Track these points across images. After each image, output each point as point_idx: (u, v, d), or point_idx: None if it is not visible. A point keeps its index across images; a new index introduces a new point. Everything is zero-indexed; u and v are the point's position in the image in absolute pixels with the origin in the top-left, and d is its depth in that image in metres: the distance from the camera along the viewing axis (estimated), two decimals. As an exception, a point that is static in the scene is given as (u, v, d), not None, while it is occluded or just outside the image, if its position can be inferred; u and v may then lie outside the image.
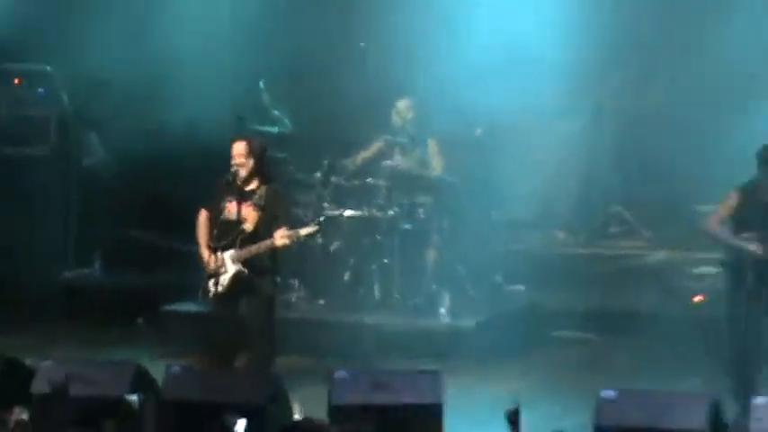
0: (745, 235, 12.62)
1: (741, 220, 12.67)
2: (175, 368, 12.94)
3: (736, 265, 12.72)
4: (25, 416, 12.73)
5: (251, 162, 13.04)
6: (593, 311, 15.56)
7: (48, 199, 17.04)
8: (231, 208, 13.00)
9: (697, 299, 15.46)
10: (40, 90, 17.13)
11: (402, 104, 15.43)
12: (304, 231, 13.12)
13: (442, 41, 15.77)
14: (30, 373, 13.02)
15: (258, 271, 12.99)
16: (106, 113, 17.06)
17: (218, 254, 12.99)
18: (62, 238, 17.14)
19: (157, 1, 16.53)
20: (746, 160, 13.26)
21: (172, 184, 16.18)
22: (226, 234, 12.99)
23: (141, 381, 12.74)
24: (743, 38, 15.28)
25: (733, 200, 12.74)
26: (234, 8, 16.14)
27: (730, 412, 12.06)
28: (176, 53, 16.02)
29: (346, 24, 16.77)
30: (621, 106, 17.06)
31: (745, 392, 12.45)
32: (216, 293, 13.02)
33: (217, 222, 13.04)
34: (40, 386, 12.75)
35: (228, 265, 13.01)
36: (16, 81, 17.17)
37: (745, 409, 11.92)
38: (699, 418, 11.92)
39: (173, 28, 16.15)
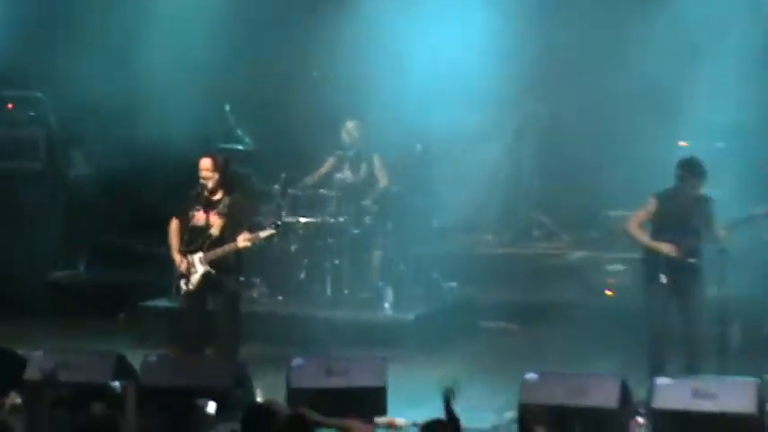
0: (663, 237, 12.64)
1: (659, 225, 12.69)
2: (152, 357, 12.99)
3: (652, 264, 12.75)
4: (19, 400, 12.78)
5: (216, 175, 13.08)
6: (518, 304, 15.57)
7: (38, 207, 16.97)
8: (199, 216, 13.06)
9: (608, 293, 15.54)
10: (31, 113, 17.07)
11: (350, 125, 15.43)
12: (263, 234, 13.18)
13: (386, 71, 15.76)
14: (22, 362, 13.04)
15: (224, 270, 13.04)
16: (88, 133, 16.97)
17: (189, 257, 13.08)
18: (51, 242, 17.05)
19: (134, 33, 16.42)
20: (653, 171, 13.45)
21: (147, 194, 16.05)
22: (195, 239, 13.06)
23: (122, 368, 12.77)
24: (654, 55, 15.28)
25: (651, 206, 12.75)
26: (204, 39, 16.10)
27: (641, 391, 12.25)
28: (150, 79, 15.97)
29: (302, 55, 16.75)
30: (540, 125, 17.01)
31: (657, 374, 12.55)
32: (187, 291, 13.09)
33: (186, 229, 13.10)
34: (32, 373, 12.79)
35: (198, 266, 13.06)
36: (10, 105, 17.10)
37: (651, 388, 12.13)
38: (611, 396, 12.07)
39: (148, 56, 16.09)
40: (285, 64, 16.70)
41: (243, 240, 12.94)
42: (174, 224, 13.20)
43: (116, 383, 11.84)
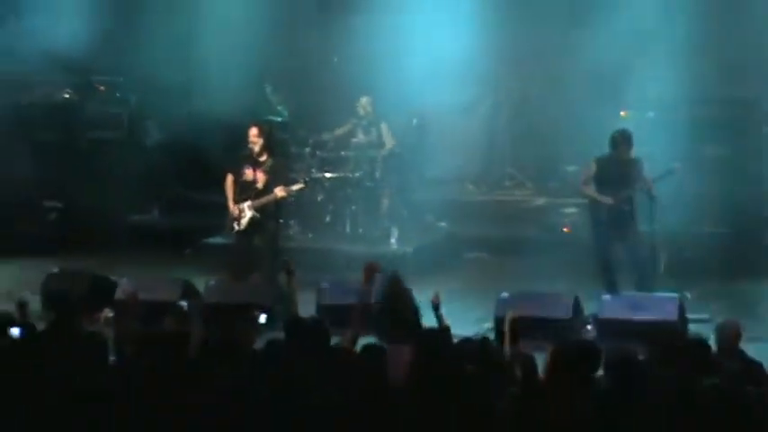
0: (604, 190, 12.70)
1: (600, 182, 12.73)
2: (212, 282, 13.16)
3: (596, 210, 12.82)
4: (111, 315, 12.93)
5: (261, 140, 13.15)
6: (494, 239, 15.55)
7: (121, 167, 16.87)
8: (248, 173, 13.15)
9: (565, 229, 15.57)
10: (117, 94, 17.15)
11: (364, 99, 15.43)
12: (295, 187, 13.30)
13: (392, 57, 15.67)
14: (114, 285, 13.18)
15: (266, 215, 13.15)
16: (160, 108, 16.98)
17: (240, 204, 13.20)
18: (131, 193, 16.92)
19: (192, 25, 16.33)
20: (600, 134, 13.39)
21: (206, 155, 15.97)
22: (244, 191, 13.15)
23: (188, 290, 12.94)
24: (603, 40, 15.02)
25: (592, 168, 12.80)
26: (249, 32, 15.94)
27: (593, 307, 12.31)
28: (208, 63, 15.97)
29: (325, 41, 16.68)
30: (513, 100, 16.94)
31: (608, 291, 12.60)
32: (238, 231, 13.20)
33: (238, 183, 13.24)
34: (119, 295, 12.92)
35: (246, 211, 13.18)
36: (101, 88, 17.18)
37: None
38: (566, 309, 12.20)
39: (205, 45, 16.03)
40: (312, 52, 16.56)
41: (280, 192, 13.01)
42: (229, 179, 13.27)
43: (183, 302, 11.94)
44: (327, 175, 15.36)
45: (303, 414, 7.41)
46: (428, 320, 9.51)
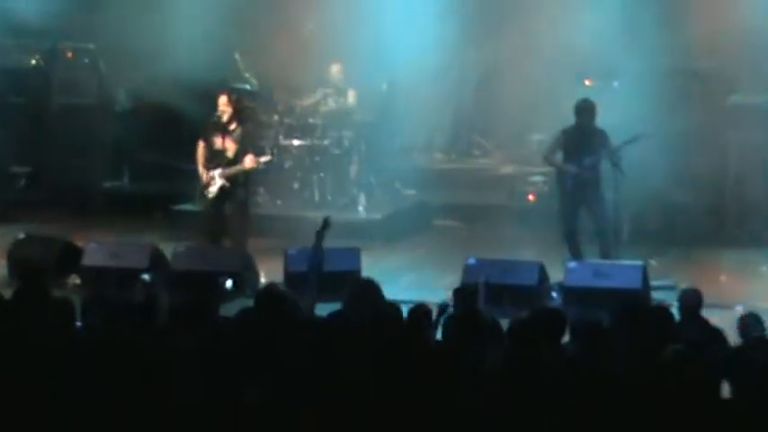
0: (569, 159, 12.77)
1: (566, 151, 12.80)
2: (180, 248, 13.08)
3: (561, 179, 12.89)
4: (78, 281, 12.88)
5: (230, 109, 13.14)
6: (461, 207, 15.50)
7: (91, 133, 16.83)
8: (218, 141, 13.10)
9: (531, 197, 15.57)
10: (85, 60, 16.93)
11: (335, 67, 15.32)
12: (263, 159, 13.32)
13: (360, 24, 15.51)
14: (80, 252, 13.10)
15: (236, 184, 13.10)
16: (129, 74, 16.88)
17: (210, 172, 13.16)
18: (102, 159, 16.94)
19: None
20: (563, 102, 13.42)
21: (176, 122, 15.78)
22: (214, 158, 13.11)
23: (156, 257, 12.86)
24: (567, 11, 15.11)
25: (560, 139, 12.90)
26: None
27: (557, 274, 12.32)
28: (177, 30, 15.76)
29: (298, 9, 16.52)
30: (480, 69, 16.86)
31: (573, 258, 12.67)
32: (209, 199, 13.17)
33: (209, 150, 13.21)
34: (87, 260, 12.86)
35: (217, 179, 13.13)
36: (69, 54, 16.94)
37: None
38: (531, 277, 12.22)
39: (175, 11, 15.86)
40: (285, 16, 16.38)
41: (248, 163, 12.99)
42: (201, 146, 13.24)
43: (146, 276, 11.78)
44: (295, 142, 15.26)
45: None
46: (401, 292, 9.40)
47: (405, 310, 8.62)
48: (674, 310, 8.92)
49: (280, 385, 7.35)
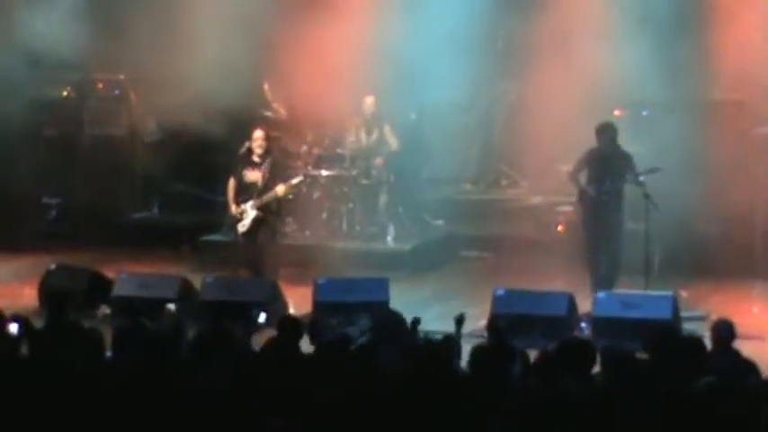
0: (590, 182, 12.82)
1: (589, 174, 12.87)
2: (209, 278, 13.09)
3: (582, 203, 12.95)
4: (107, 311, 12.87)
5: (265, 144, 13.28)
6: (490, 238, 15.46)
7: (122, 164, 16.87)
8: (248, 174, 13.26)
9: (560, 228, 15.46)
10: (116, 91, 16.96)
11: (368, 99, 15.28)
12: (294, 181, 13.49)
13: (390, 54, 15.50)
14: (110, 283, 13.10)
15: (269, 211, 13.21)
16: (160, 105, 16.90)
17: (242, 205, 13.21)
18: (131, 190, 16.99)
19: (193, 19, 16.12)
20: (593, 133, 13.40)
21: (205, 152, 15.89)
22: (246, 192, 13.23)
23: (185, 288, 12.87)
24: (596, 43, 15.02)
25: (583, 161, 12.94)
26: (246, 22, 15.75)
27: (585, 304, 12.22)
28: (206, 57, 15.79)
29: (328, 39, 16.50)
30: (508, 100, 16.77)
31: (598, 288, 12.58)
32: (243, 232, 13.21)
33: (240, 184, 13.26)
34: (117, 291, 12.87)
35: (249, 211, 13.20)
36: (100, 86, 16.99)
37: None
38: (561, 307, 12.14)
39: (203, 38, 15.85)
40: (314, 49, 16.35)
41: (281, 189, 13.09)
42: (232, 182, 13.40)
43: (171, 306, 11.76)
44: (324, 172, 15.24)
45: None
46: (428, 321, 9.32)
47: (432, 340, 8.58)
48: (706, 342, 8.81)
49: (303, 416, 7.28)
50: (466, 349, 8.50)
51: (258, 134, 13.22)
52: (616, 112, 15.45)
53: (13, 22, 15.66)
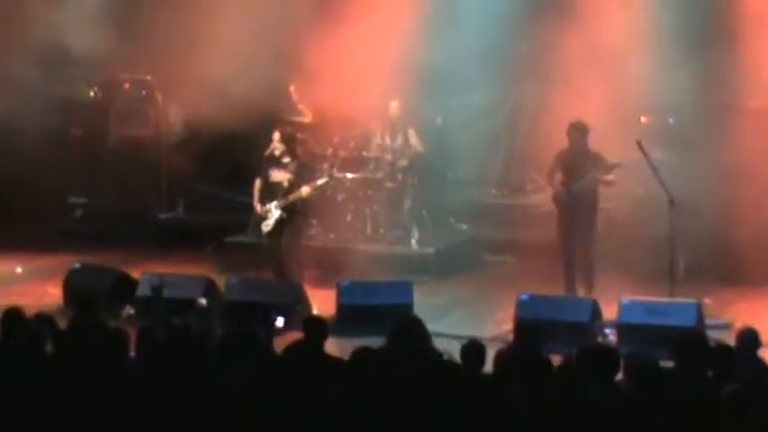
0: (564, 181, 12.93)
1: (563, 172, 13.00)
2: (233, 279, 13.11)
3: (555, 201, 13.10)
4: (132, 311, 12.88)
5: (282, 146, 13.28)
6: (514, 242, 15.37)
7: (148, 164, 16.89)
8: (274, 175, 13.25)
9: None
10: (143, 92, 17.00)
11: (394, 104, 15.25)
12: (320, 182, 13.48)
13: (415, 57, 15.47)
14: (135, 283, 13.12)
15: (294, 212, 13.20)
16: (186, 105, 16.89)
17: (267, 205, 13.22)
18: (158, 190, 16.98)
19: (219, 20, 16.16)
20: (619, 140, 13.32)
21: (231, 153, 15.92)
22: (271, 192, 13.23)
23: (211, 288, 12.89)
24: (620, 45, 14.91)
25: (556, 161, 13.07)
26: (273, 24, 15.71)
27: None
28: (234, 57, 15.78)
29: (354, 41, 16.48)
30: (532, 102, 16.53)
31: (570, 291, 12.67)
32: (267, 232, 13.21)
33: (266, 184, 13.27)
34: (142, 291, 12.86)
35: (273, 211, 13.20)
36: (126, 86, 17.03)
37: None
38: (584, 313, 12.10)
39: (229, 40, 15.85)
40: (340, 52, 16.34)
41: (306, 190, 13.09)
42: (258, 182, 13.41)
43: (203, 300, 11.89)
44: (349, 175, 15.21)
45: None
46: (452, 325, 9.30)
47: (457, 344, 8.54)
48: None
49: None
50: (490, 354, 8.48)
51: (275, 136, 13.31)
52: (642, 119, 15.42)
53: (40, 22, 15.72)
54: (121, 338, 8.36)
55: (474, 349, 8.28)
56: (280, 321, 10.83)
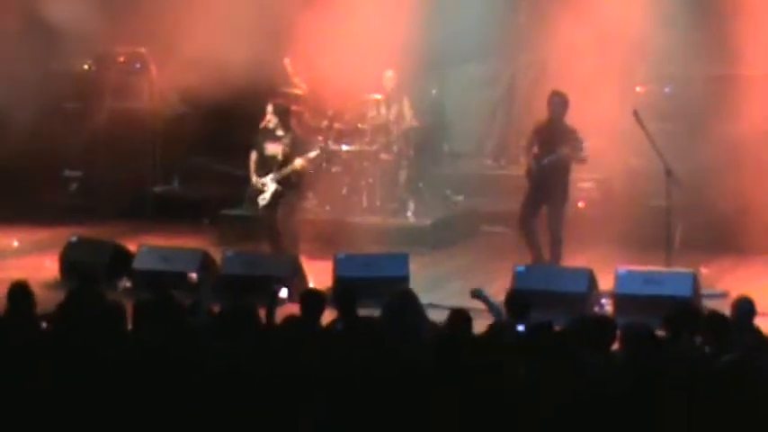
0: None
1: (538, 145, 12.96)
2: (230, 253, 13.11)
3: (528, 175, 13.04)
4: (129, 284, 12.90)
5: (275, 118, 13.27)
6: (511, 213, 14.86)
7: (142, 137, 16.87)
8: (269, 147, 13.25)
9: (580, 204, 15.33)
10: (137, 64, 16.94)
11: (388, 74, 15.27)
12: (311, 154, 13.43)
13: (411, 29, 15.47)
14: (131, 255, 13.13)
15: (288, 185, 13.20)
16: (181, 79, 16.88)
17: (263, 178, 13.22)
18: (153, 163, 16.99)
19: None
20: (616, 109, 13.31)
21: (226, 126, 15.83)
22: (266, 165, 13.24)
23: (206, 262, 12.90)
24: (620, 15, 14.93)
25: (532, 134, 13.07)
26: (269, 4, 15.71)
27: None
28: (229, 30, 15.65)
29: (349, 13, 16.36)
30: (529, 73, 16.56)
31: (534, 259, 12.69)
32: (262, 205, 13.22)
33: (261, 157, 13.27)
34: (138, 264, 12.89)
35: (269, 184, 13.21)
36: (121, 59, 16.94)
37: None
38: (581, 284, 12.12)
39: (224, 12, 15.78)
40: (335, 24, 16.24)
41: (300, 162, 13.07)
42: (253, 155, 13.41)
43: (193, 275, 11.85)
44: (344, 147, 15.21)
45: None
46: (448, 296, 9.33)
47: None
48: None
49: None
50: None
51: (268, 108, 13.32)
52: (638, 89, 15.41)
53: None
54: (118, 311, 8.38)
55: (462, 320, 8.28)
56: (283, 292, 10.82)
